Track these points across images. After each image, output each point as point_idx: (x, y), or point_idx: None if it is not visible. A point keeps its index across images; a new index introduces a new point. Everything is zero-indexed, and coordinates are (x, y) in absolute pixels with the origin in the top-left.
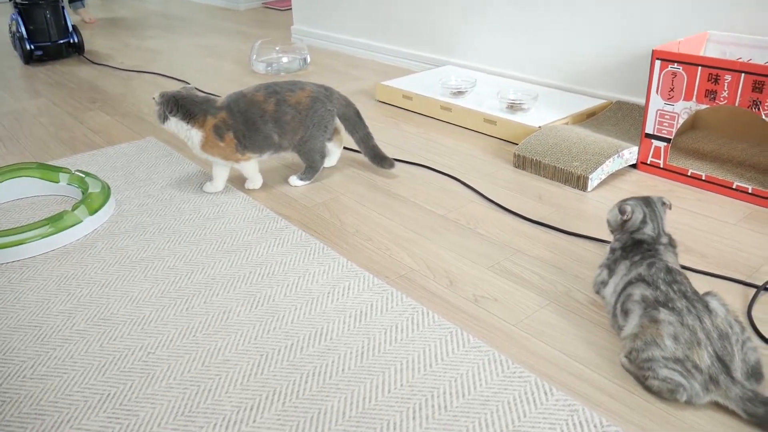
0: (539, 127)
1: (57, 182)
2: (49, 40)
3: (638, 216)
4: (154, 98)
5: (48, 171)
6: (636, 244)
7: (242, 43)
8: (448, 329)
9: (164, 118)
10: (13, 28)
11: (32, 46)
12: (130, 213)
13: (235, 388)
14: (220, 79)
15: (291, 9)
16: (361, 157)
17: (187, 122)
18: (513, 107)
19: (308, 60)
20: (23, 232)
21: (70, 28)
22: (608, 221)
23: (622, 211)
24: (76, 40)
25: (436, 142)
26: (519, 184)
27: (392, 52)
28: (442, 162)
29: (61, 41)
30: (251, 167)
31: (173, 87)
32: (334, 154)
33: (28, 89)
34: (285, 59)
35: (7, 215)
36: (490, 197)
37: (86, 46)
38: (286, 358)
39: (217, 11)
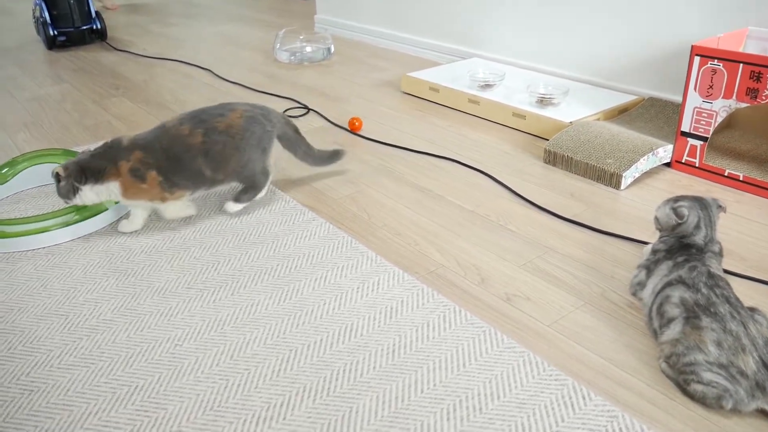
0: (570, 122)
1: None
2: (72, 26)
3: (693, 220)
4: (55, 175)
5: (73, 156)
6: (684, 247)
7: (264, 32)
8: (480, 328)
9: (75, 192)
10: (37, 14)
11: (56, 32)
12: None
13: (265, 383)
14: (243, 68)
15: None
16: (387, 149)
17: (102, 182)
18: (543, 102)
19: (332, 50)
20: (49, 219)
21: (93, 14)
22: (657, 218)
23: (679, 215)
24: (99, 26)
25: (463, 135)
26: (549, 181)
27: (417, 43)
28: (469, 156)
29: (84, 27)
30: (177, 209)
31: (193, 75)
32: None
33: (52, 75)
34: (309, 48)
35: (33, 201)
36: (520, 193)
37: (108, 33)
38: (316, 353)
39: None
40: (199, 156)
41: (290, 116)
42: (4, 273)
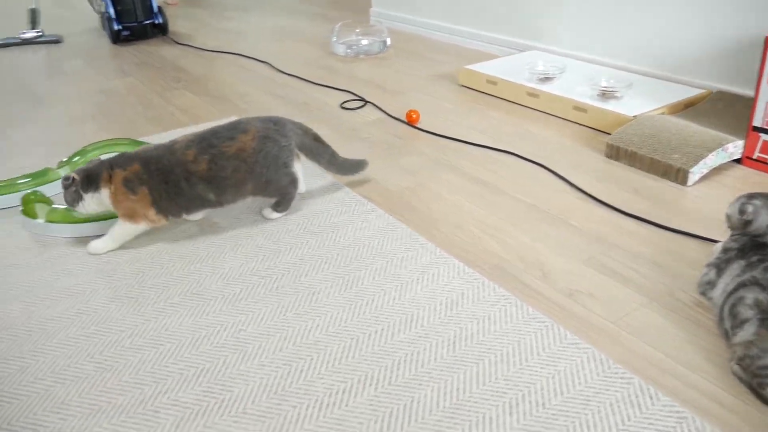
0: (634, 116)
1: None
2: (135, 21)
3: (765, 220)
4: (69, 179)
5: (139, 146)
6: (758, 246)
7: (320, 25)
8: (543, 323)
9: (79, 200)
10: (102, 9)
11: (120, 27)
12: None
13: (327, 370)
14: (300, 61)
15: None
16: (446, 142)
17: (97, 190)
18: (605, 95)
19: (388, 43)
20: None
21: (156, 9)
22: (728, 216)
23: (741, 211)
24: (160, 20)
25: (522, 129)
26: (612, 176)
27: (474, 35)
28: (529, 150)
29: (147, 22)
30: (136, 232)
31: (251, 68)
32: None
33: (116, 69)
34: (365, 42)
35: None
36: (581, 188)
37: (169, 27)
38: (377, 343)
39: None
40: (200, 183)
41: (348, 109)
42: (75, 257)
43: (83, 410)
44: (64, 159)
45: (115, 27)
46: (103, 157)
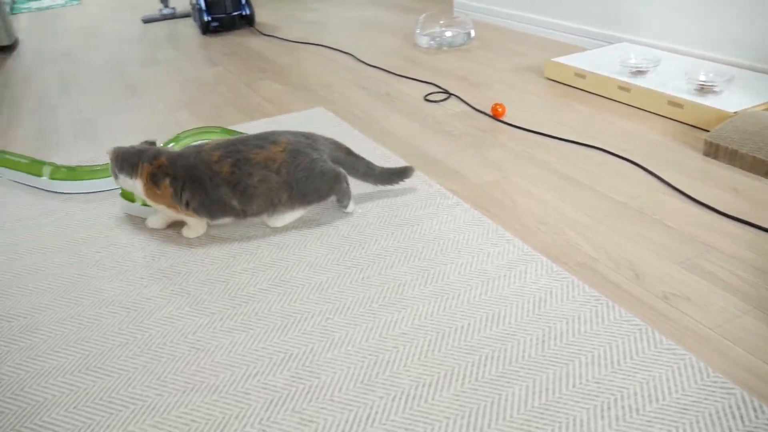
0: (735, 112)
1: None
2: (224, 12)
3: None
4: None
5: (229, 134)
6: None
7: (402, 17)
8: (636, 326)
9: (116, 176)
10: (194, 1)
11: (209, 18)
12: None
13: (413, 362)
14: (383, 52)
15: None
16: (531, 136)
17: (131, 176)
18: (703, 90)
19: (472, 34)
20: None
21: (243, 1)
22: None
23: None
24: (248, 12)
25: (612, 124)
26: (710, 175)
27: (560, 27)
28: (619, 146)
29: (235, 13)
30: (198, 223)
31: (335, 59)
32: None
33: (206, 58)
34: (449, 33)
35: None
36: (677, 186)
37: (256, 18)
38: (463, 338)
39: None
40: (224, 186)
41: (431, 101)
42: (171, 241)
43: (178, 387)
44: (160, 145)
45: (205, 18)
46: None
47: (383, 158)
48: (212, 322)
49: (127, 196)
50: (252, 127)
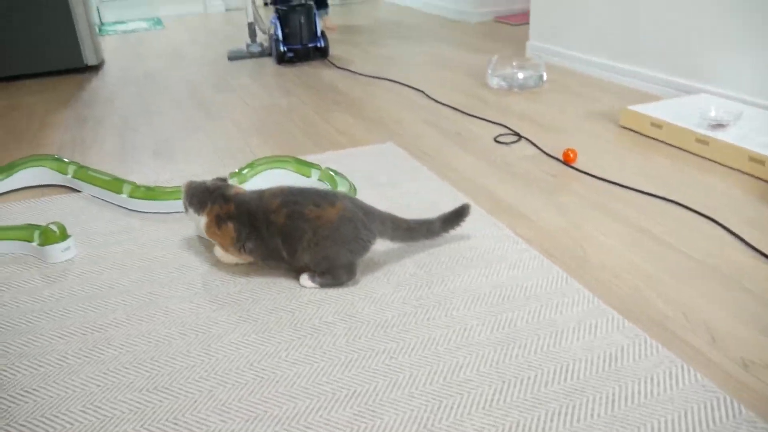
0: None
1: (309, 176)
2: (300, 43)
3: None
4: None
5: (302, 165)
6: None
7: (473, 56)
8: (713, 393)
9: (186, 209)
10: (271, 32)
11: (285, 48)
12: None
13: (477, 411)
14: (454, 90)
15: (523, 24)
16: (604, 184)
17: (198, 212)
18: None
19: (545, 77)
20: None
21: (319, 34)
22: None
23: None
24: (322, 44)
25: (690, 177)
26: None
27: (635, 74)
28: (697, 200)
29: (310, 45)
30: (232, 260)
31: (406, 95)
32: None
33: (280, 87)
34: (521, 75)
35: None
36: (758, 247)
37: (329, 51)
38: (530, 390)
39: (448, 23)
40: (277, 235)
41: (502, 142)
42: (241, 267)
43: (242, 415)
44: (235, 170)
45: (281, 48)
46: (258, 179)
47: (451, 197)
48: (277, 352)
49: None
50: (323, 159)
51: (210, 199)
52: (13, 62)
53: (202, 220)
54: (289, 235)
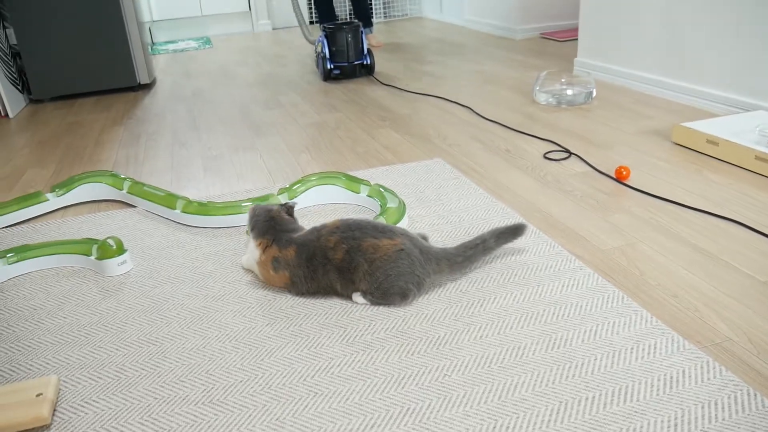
0: None
1: (358, 193)
2: (346, 61)
3: None
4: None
5: (352, 182)
6: None
7: (520, 72)
8: None
9: (248, 231)
10: (318, 49)
11: (332, 65)
12: (422, 231)
13: (534, 431)
14: (501, 107)
15: (570, 40)
16: (658, 203)
17: (256, 240)
18: None
19: (594, 94)
20: None
21: (365, 51)
22: None
23: None
24: (368, 61)
25: (749, 195)
26: None
27: (688, 90)
28: (757, 219)
29: (357, 62)
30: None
31: (453, 112)
32: None
33: (327, 104)
34: (570, 91)
35: (315, 217)
36: None
37: (375, 68)
38: (588, 411)
39: (492, 39)
40: (333, 272)
41: (551, 159)
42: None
43: (297, 430)
44: (286, 186)
45: (329, 66)
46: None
47: (501, 214)
48: (330, 367)
49: None
50: (371, 174)
51: (269, 232)
52: (70, 82)
53: (257, 253)
54: (346, 269)
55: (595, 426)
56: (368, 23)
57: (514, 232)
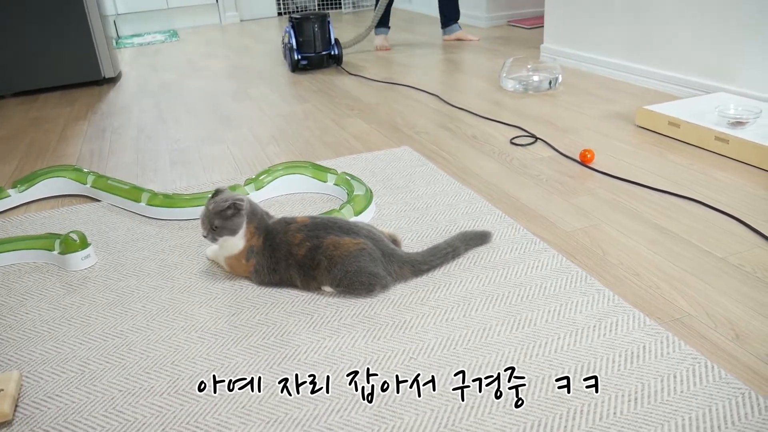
0: None
1: (325, 182)
2: (314, 51)
3: None
4: (233, 204)
5: (319, 171)
6: None
7: (488, 60)
8: (738, 389)
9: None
10: (286, 40)
11: (299, 56)
12: (389, 218)
13: (498, 410)
14: (469, 94)
15: (537, 27)
16: (621, 184)
17: (251, 230)
18: None
19: (560, 80)
20: None
21: (332, 41)
22: None
23: None
24: (336, 52)
25: (709, 175)
26: None
27: (650, 74)
28: (716, 198)
29: (324, 52)
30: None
31: (421, 100)
32: None
33: (295, 95)
34: (536, 78)
35: (282, 207)
36: None
37: (343, 58)
38: (551, 389)
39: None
40: (294, 267)
41: (518, 144)
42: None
43: (262, 418)
44: (252, 176)
45: (296, 56)
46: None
47: (468, 199)
48: (296, 354)
49: None
50: (339, 163)
51: (261, 222)
52: (32, 76)
53: (241, 242)
54: (307, 266)
55: (558, 403)
56: (385, 24)
57: (482, 238)
